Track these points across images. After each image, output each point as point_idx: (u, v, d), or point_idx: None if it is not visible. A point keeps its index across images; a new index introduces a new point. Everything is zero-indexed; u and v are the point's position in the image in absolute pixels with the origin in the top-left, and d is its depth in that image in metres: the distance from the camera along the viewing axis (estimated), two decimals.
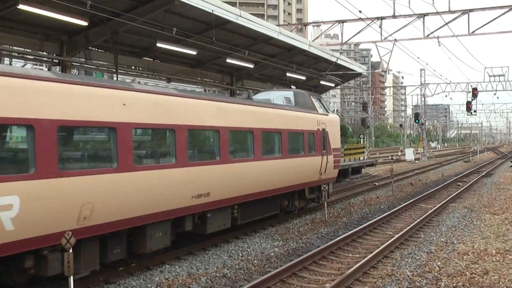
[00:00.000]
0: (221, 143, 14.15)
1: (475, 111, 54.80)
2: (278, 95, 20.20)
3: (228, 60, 25.18)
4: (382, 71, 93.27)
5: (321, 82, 35.34)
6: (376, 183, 33.34)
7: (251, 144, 15.74)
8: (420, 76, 64.43)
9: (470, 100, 50.00)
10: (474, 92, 47.72)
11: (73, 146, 10.71)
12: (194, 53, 22.45)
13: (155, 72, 24.39)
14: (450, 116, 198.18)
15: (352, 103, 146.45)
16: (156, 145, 12.71)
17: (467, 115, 60.68)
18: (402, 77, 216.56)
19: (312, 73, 31.47)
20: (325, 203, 20.09)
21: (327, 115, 22.13)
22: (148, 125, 11.73)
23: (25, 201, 8.84)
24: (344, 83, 45.59)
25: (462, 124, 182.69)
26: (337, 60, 31.16)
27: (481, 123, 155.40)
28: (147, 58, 24.03)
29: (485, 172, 42.19)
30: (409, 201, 24.06)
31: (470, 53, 36.71)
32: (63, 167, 9.66)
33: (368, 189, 30.22)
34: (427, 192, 27.70)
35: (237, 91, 31.22)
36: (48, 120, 9.35)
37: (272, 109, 17.53)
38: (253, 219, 16.87)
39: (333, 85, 37.74)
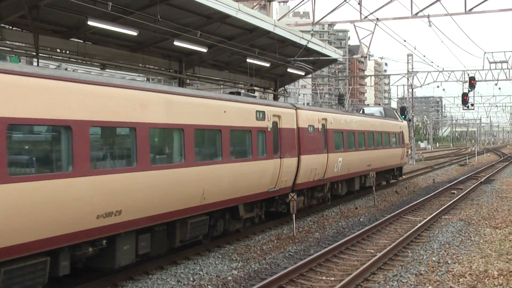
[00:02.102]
0: (382, 138, 33.62)
1: (472, 104, 55.61)
2: (375, 110, 38.75)
3: (176, 43, 25.01)
4: (361, 56, 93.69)
5: (289, 70, 35.46)
6: (355, 191, 33.53)
7: (380, 139, 33.59)
8: (407, 62, 65.04)
9: (467, 91, 50.75)
10: (472, 82, 48.34)
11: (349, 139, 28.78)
12: (134, 34, 22.27)
13: (87, 56, 24.08)
14: (443, 110, 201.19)
15: (326, 95, 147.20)
16: (370, 139, 31.45)
17: (463, 109, 61.59)
18: (386, 64, 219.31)
19: (277, 59, 31.51)
20: (293, 215, 20.36)
21: (402, 121, 40.99)
22: (375, 132, 32.08)
23: (343, 160, 26.86)
24: (316, 71, 45.85)
25: (457, 120, 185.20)
26: (307, 43, 31.26)
27: (480, 119, 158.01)
28: (76, 40, 23.72)
29: (485, 177, 42.99)
30: (394, 213, 24.35)
31: (467, 35, 37.31)
32: (337, 148, 27.19)
33: (344, 199, 30.39)
34: (416, 202, 28.10)
35: (187, 80, 31.04)
36: (330, 129, 25.65)
37: (387, 120, 36.65)
38: (378, 182, 34.04)
39: (303, 73, 37.89)
